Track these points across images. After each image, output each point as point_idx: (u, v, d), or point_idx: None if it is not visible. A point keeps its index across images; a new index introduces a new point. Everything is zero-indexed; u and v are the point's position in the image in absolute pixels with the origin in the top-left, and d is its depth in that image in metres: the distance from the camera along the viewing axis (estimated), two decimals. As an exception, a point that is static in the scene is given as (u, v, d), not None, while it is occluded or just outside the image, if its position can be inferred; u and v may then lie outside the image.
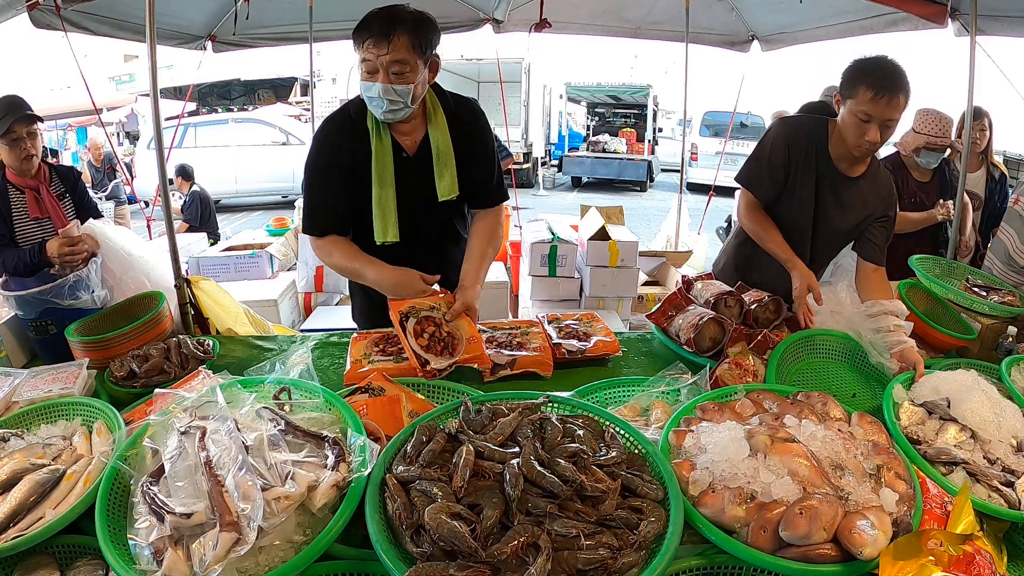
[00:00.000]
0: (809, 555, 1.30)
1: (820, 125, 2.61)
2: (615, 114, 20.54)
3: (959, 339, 2.59)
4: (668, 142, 21.23)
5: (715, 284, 2.69)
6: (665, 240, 7.75)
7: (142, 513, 1.33)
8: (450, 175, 2.42)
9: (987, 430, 1.80)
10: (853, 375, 2.33)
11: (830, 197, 2.61)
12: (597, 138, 18.93)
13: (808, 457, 1.49)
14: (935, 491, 1.60)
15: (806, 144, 2.61)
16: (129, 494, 1.44)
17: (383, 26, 2.15)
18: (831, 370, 2.34)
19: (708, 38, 6.62)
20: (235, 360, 2.49)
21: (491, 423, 1.58)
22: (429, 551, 1.25)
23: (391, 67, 2.16)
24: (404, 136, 2.41)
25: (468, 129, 2.48)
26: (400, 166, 2.40)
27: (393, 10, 2.18)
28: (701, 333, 2.37)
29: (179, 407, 1.59)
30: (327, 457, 1.45)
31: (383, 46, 2.14)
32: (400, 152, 2.41)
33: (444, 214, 2.57)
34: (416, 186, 2.43)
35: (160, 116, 2.93)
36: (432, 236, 2.60)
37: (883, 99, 2.29)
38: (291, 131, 15.25)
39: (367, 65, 2.18)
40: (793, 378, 2.25)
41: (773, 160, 2.65)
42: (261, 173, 14.66)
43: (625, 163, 18.52)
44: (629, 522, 1.34)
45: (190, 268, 5.38)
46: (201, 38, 5.73)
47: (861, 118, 2.36)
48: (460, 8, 5.99)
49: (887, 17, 4.85)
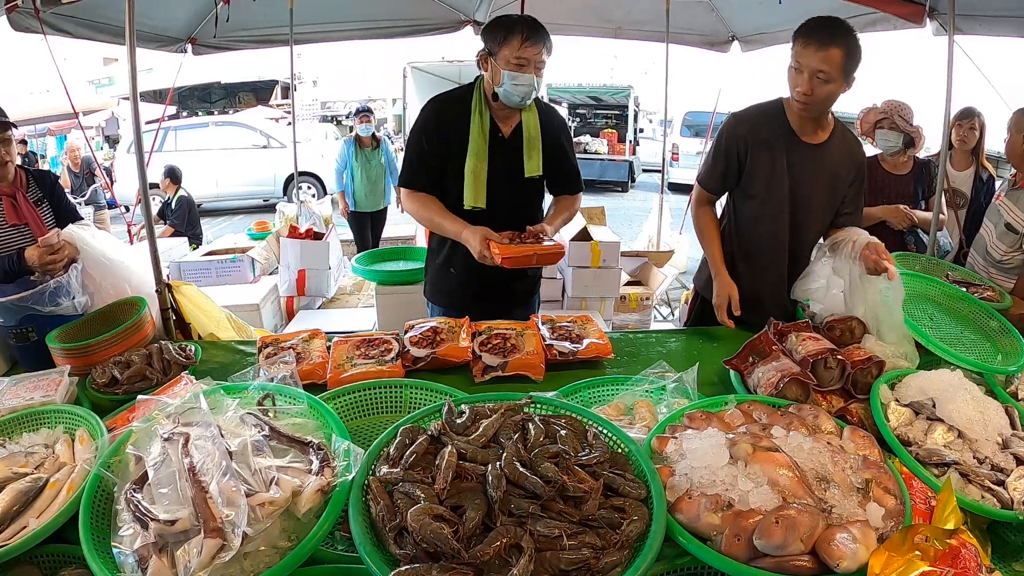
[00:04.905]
0: (784, 566, 1.29)
1: (773, 104, 2.73)
2: (596, 115, 20.49)
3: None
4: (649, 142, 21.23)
5: (818, 341, 2.29)
6: (647, 240, 7.80)
7: (126, 521, 1.33)
8: (537, 156, 2.83)
9: (974, 429, 1.81)
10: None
11: (799, 166, 2.66)
12: (578, 139, 18.86)
13: (791, 467, 1.48)
14: (919, 486, 1.63)
15: (760, 126, 2.71)
16: (113, 501, 1.44)
17: (537, 32, 2.60)
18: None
19: (688, 38, 6.65)
20: (217, 365, 2.48)
21: (474, 424, 1.59)
22: (412, 553, 1.25)
23: (538, 64, 2.63)
24: (503, 121, 2.82)
25: (553, 124, 2.93)
26: (495, 145, 2.78)
27: (536, 21, 2.66)
28: (782, 394, 2.04)
29: (162, 413, 1.58)
30: (312, 462, 1.45)
31: (539, 46, 2.60)
32: (497, 132, 2.80)
33: (527, 191, 2.92)
34: (507, 162, 2.81)
35: (140, 119, 2.91)
36: (514, 208, 2.90)
37: (812, 48, 2.40)
38: (272, 134, 15.16)
39: (519, 60, 2.59)
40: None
41: (718, 154, 2.78)
42: (242, 177, 14.54)
43: (606, 164, 18.51)
44: (612, 522, 1.35)
45: (171, 273, 5.34)
46: (181, 41, 5.69)
47: (795, 67, 2.49)
48: (441, 10, 5.99)
49: (866, 17, 4.89)
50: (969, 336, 2.48)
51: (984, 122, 4.41)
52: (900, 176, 4.21)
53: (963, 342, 2.42)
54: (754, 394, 2.11)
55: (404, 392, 2.11)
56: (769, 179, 2.70)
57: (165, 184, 8.52)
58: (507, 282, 2.98)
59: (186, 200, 8.54)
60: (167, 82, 8.38)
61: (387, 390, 2.11)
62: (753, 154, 2.70)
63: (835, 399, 2.12)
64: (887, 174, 4.22)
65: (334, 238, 6.23)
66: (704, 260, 3.06)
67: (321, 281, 5.81)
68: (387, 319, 4.81)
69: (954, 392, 1.91)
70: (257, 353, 2.42)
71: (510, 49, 2.58)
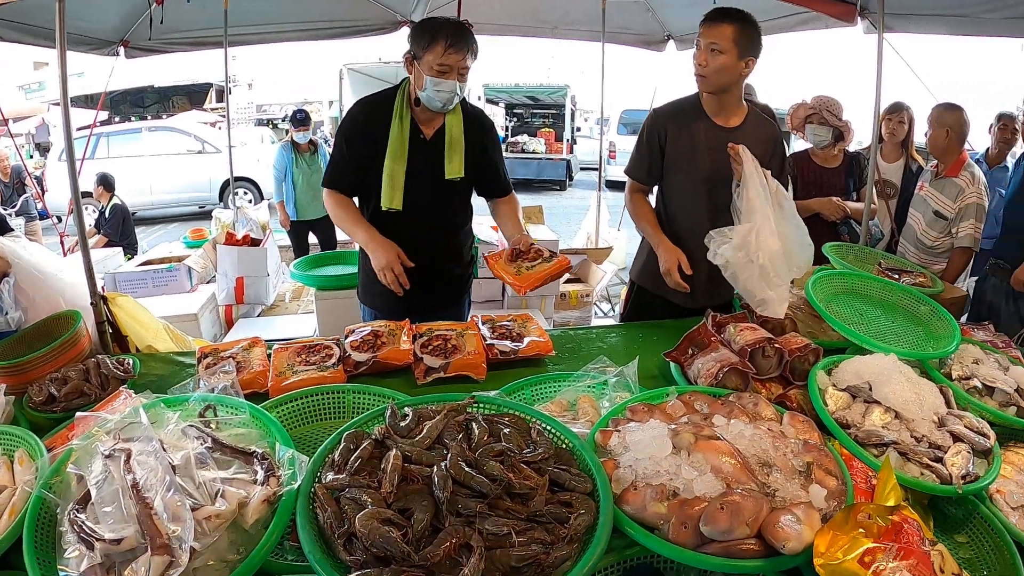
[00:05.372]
0: (731, 550, 1.32)
1: (690, 97, 2.92)
2: (533, 114, 20.56)
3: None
4: (586, 141, 21.32)
5: (755, 331, 2.35)
6: (585, 237, 7.90)
7: (71, 542, 1.30)
8: (459, 159, 2.83)
9: (910, 410, 1.87)
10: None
11: (718, 149, 2.77)
12: (516, 138, 18.93)
13: (733, 454, 1.52)
14: (859, 466, 1.68)
15: (679, 115, 2.91)
16: (56, 523, 1.40)
17: (461, 38, 2.60)
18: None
19: (625, 38, 6.74)
20: (157, 378, 2.42)
21: (418, 427, 1.59)
22: (363, 558, 1.25)
23: (461, 70, 2.62)
24: (426, 123, 2.82)
25: (478, 126, 2.92)
26: (416, 146, 2.79)
27: (462, 26, 2.65)
28: (722, 384, 2.10)
29: (102, 430, 1.54)
30: (256, 472, 1.44)
31: (462, 53, 2.59)
32: (419, 135, 2.80)
33: (448, 193, 2.91)
34: (428, 164, 2.82)
35: (71, 126, 2.83)
36: (435, 210, 2.92)
37: (707, 25, 2.68)
38: (207, 139, 14.76)
39: (442, 66, 2.58)
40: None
41: (642, 145, 2.97)
42: (177, 183, 14.14)
43: (544, 163, 18.61)
44: (559, 516, 1.37)
45: (106, 284, 5.19)
46: (114, 43, 5.49)
47: (695, 46, 2.74)
48: (377, 10, 5.95)
49: (798, 16, 5.00)
50: (901, 324, 2.55)
51: (912, 116, 4.59)
52: (831, 169, 4.35)
53: (895, 331, 2.49)
54: (695, 385, 2.16)
55: (347, 397, 2.10)
56: (690, 163, 2.86)
57: (98, 193, 8.27)
58: (441, 264, 3.01)
59: (120, 209, 8.30)
60: (99, 86, 8.13)
61: (329, 396, 2.09)
62: (673, 140, 2.87)
63: (774, 386, 2.18)
64: (818, 167, 4.35)
65: (272, 244, 6.13)
66: (639, 249, 3.18)
67: (260, 288, 5.73)
68: (327, 324, 4.78)
69: (889, 375, 1.97)
70: (197, 364, 2.37)
71: (433, 55, 2.58)
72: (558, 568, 1.29)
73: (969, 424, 1.88)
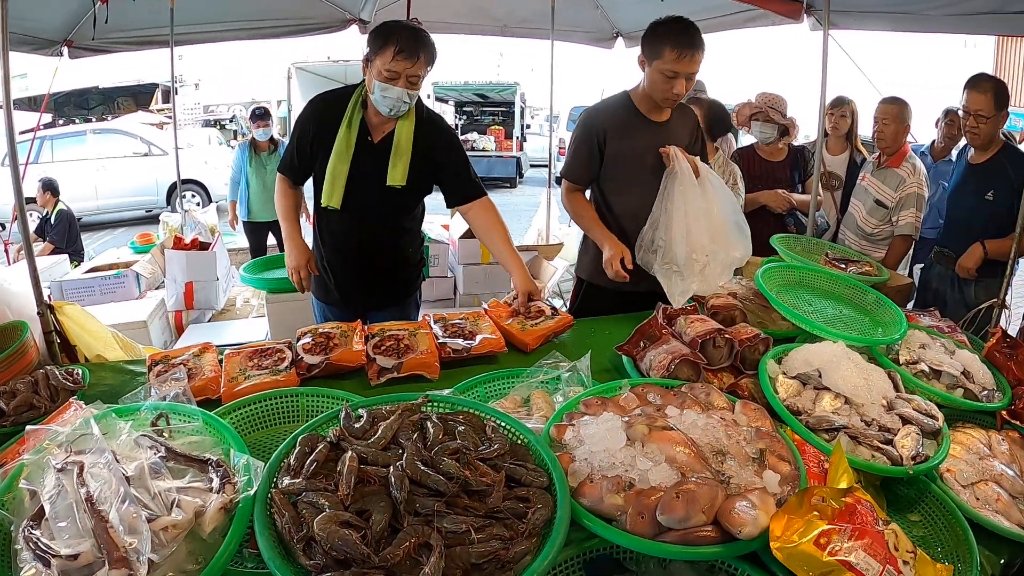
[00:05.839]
0: (688, 538, 1.34)
1: (620, 95, 3.04)
2: (483, 112, 20.60)
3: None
4: (536, 138, 21.38)
5: (705, 322, 2.39)
6: (536, 234, 7.94)
7: (27, 560, 1.27)
8: (402, 167, 2.79)
9: (859, 395, 1.92)
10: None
11: (650, 144, 2.90)
12: (466, 136, 18.89)
13: (687, 444, 1.54)
14: (812, 451, 1.72)
15: (613, 114, 3.00)
16: (11, 541, 1.37)
17: (413, 45, 2.56)
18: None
19: (574, 35, 6.81)
20: (107, 388, 2.37)
21: (372, 428, 1.59)
22: (323, 562, 1.25)
23: (411, 78, 2.60)
24: (377, 126, 2.81)
25: (433, 133, 2.88)
26: (363, 148, 2.78)
27: (419, 33, 2.61)
28: (674, 375, 2.13)
29: (53, 443, 1.51)
30: (212, 480, 1.43)
31: (412, 61, 2.56)
32: (366, 136, 2.79)
33: (390, 199, 2.87)
34: (374, 167, 2.79)
35: (14, 129, 2.78)
36: (377, 214, 2.91)
37: (687, 57, 2.69)
38: (153, 141, 14.43)
39: (390, 72, 2.57)
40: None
41: (579, 144, 3.04)
42: (123, 187, 13.78)
43: (494, 160, 18.64)
44: (517, 512, 1.38)
45: (53, 293, 5.09)
46: (57, 43, 5.35)
47: (668, 75, 2.73)
48: (326, 8, 5.92)
49: (745, 14, 5.10)
50: (848, 314, 2.63)
51: (856, 109, 4.70)
52: (776, 163, 4.45)
53: (843, 320, 2.56)
54: (647, 377, 2.19)
55: (300, 400, 2.08)
56: (628, 159, 2.95)
57: (44, 198, 8.07)
58: (383, 265, 3.05)
59: (66, 214, 8.11)
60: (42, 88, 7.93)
61: (283, 400, 2.07)
62: (610, 139, 2.94)
63: (725, 376, 2.22)
64: (763, 161, 4.45)
65: (221, 248, 6.06)
66: (582, 246, 3.27)
67: (210, 293, 5.66)
68: (279, 328, 4.74)
69: (838, 361, 2.01)
70: (147, 372, 2.32)
71: (382, 60, 2.57)
72: (518, 563, 1.30)
73: (917, 407, 1.94)
